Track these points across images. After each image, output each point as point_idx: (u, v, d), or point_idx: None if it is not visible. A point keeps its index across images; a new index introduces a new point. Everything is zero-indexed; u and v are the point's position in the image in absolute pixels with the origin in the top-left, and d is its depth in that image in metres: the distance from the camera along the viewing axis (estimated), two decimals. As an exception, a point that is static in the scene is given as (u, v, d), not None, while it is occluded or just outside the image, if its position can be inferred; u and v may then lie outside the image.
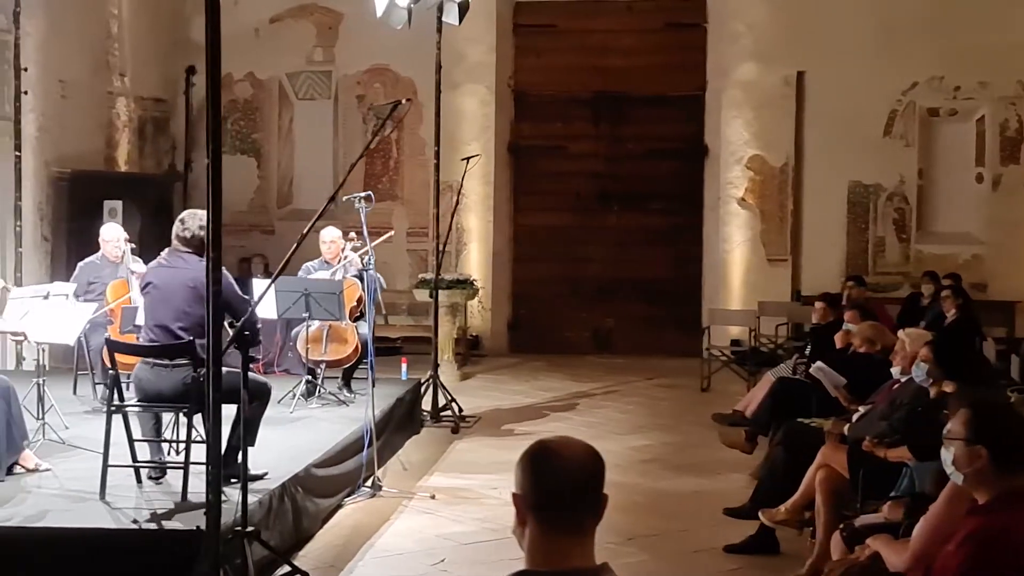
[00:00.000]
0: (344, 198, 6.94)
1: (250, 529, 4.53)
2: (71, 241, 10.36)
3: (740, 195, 12.41)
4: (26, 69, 9.14)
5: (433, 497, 6.52)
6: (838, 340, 7.11)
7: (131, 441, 5.33)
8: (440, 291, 9.58)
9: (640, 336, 12.78)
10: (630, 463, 7.50)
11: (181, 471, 5.30)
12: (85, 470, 5.60)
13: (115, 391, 5.27)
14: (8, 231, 9.34)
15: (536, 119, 13.02)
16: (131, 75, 11.88)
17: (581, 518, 2.07)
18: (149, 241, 9.16)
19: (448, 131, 12.94)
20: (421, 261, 12.79)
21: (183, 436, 5.46)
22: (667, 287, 12.84)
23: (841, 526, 4.10)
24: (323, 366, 7.76)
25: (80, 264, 7.79)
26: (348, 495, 6.38)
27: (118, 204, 10.47)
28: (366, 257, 7.12)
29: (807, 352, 8.38)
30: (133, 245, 7.97)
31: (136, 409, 5.44)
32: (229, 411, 5.26)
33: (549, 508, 2.06)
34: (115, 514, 4.84)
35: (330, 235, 8.30)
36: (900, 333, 5.49)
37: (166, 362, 5.26)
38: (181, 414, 5.40)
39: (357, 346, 7.70)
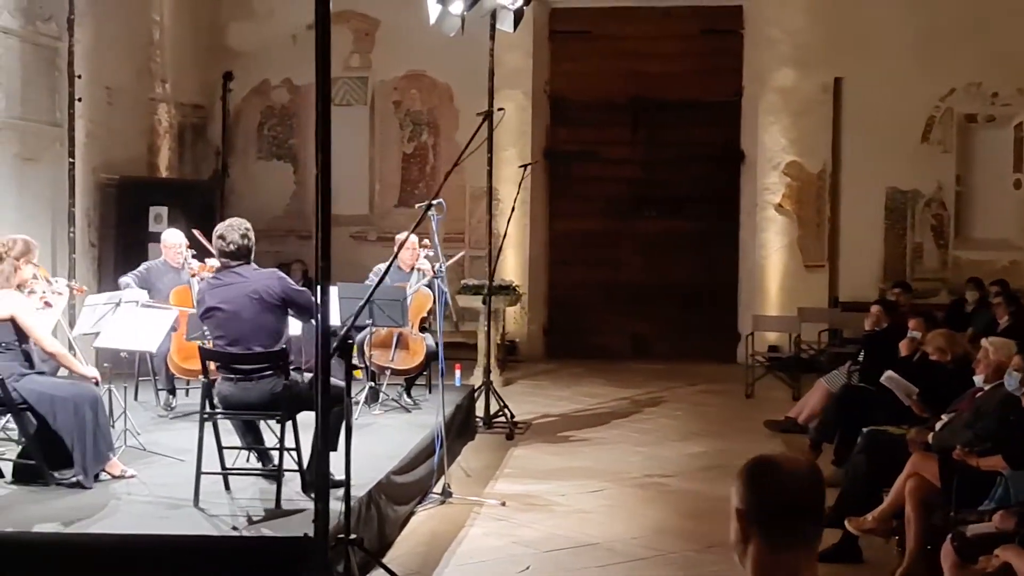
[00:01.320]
0: (416, 205, 6.95)
1: (353, 536, 4.56)
2: (118, 247, 10.39)
3: (777, 201, 12.44)
4: (80, 76, 9.18)
5: (503, 504, 6.54)
6: (903, 348, 7.13)
7: (220, 448, 5.36)
8: (484, 297, 9.62)
9: (675, 342, 12.81)
10: (692, 470, 7.53)
11: (261, 478, 5.36)
12: (170, 476, 5.65)
13: (207, 399, 5.28)
14: (60, 237, 9.38)
15: (572, 125, 13.05)
16: (171, 81, 11.92)
17: (808, 533, 2.08)
18: (198, 246, 9.20)
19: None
20: (457, 267, 12.80)
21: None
22: (702, 293, 12.87)
23: (950, 536, 4.12)
24: (388, 372, 7.79)
25: (145, 264, 7.81)
26: (420, 502, 6.41)
27: (164, 210, 10.50)
28: (437, 264, 7.15)
29: (860, 358, 8.42)
30: (194, 251, 8.00)
31: (224, 417, 5.46)
32: (303, 418, 5.33)
33: (775, 523, 2.07)
34: (214, 521, 4.87)
35: (409, 241, 8.33)
36: (983, 342, 5.51)
37: (250, 375, 5.27)
38: (273, 422, 5.40)
39: (425, 357, 7.74)
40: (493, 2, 8.61)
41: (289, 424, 5.22)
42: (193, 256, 7.97)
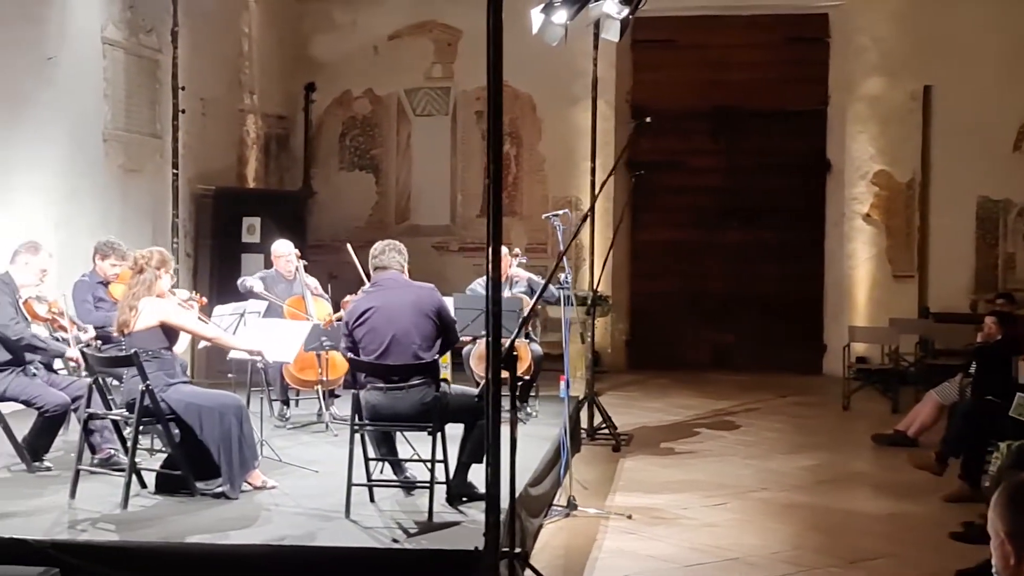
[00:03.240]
0: (544, 216, 6.94)
1: (518, 551, 4.51)
2: (213, 258, 10.46)
3: (865, 211, 12.30)
4: (183, 88, 9.25)
5: (630, 517, 6.47)
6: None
7: (367, 460, 5.34)
8: (575, 308, 9.55)
9: (759, 353, 12.69)
10: (810, 483, 7.42)
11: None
12: (309, 487, 5.64)
13: (357, 411, 5.25)
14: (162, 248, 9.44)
15: (655, 134, 12.90)
16: (258, 92, 12.00)
17: None
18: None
19: (568, 146, 13.02)
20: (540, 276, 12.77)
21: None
22: (787, 303, 12.74)
23: None
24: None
25: (259, 275, 7.84)
26: (546, 515, 6.36)
27: (256, 221, 10.58)
28: (562, 275, 7.11)
29: (971, 371, 8.27)
30: (304, 262, 8.03)
31: (371, 428, 5.43)
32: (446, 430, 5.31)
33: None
34: (371, 533, 4.84)
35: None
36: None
37: (401, 385, 5.25)
38: (419, 433, 5.37)
39: (531, 363, 7.69)
40: (599, 11, 8.55)
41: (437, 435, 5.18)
42: (305, 267, 8.02)
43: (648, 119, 7.33)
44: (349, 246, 7.51)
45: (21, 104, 7.88)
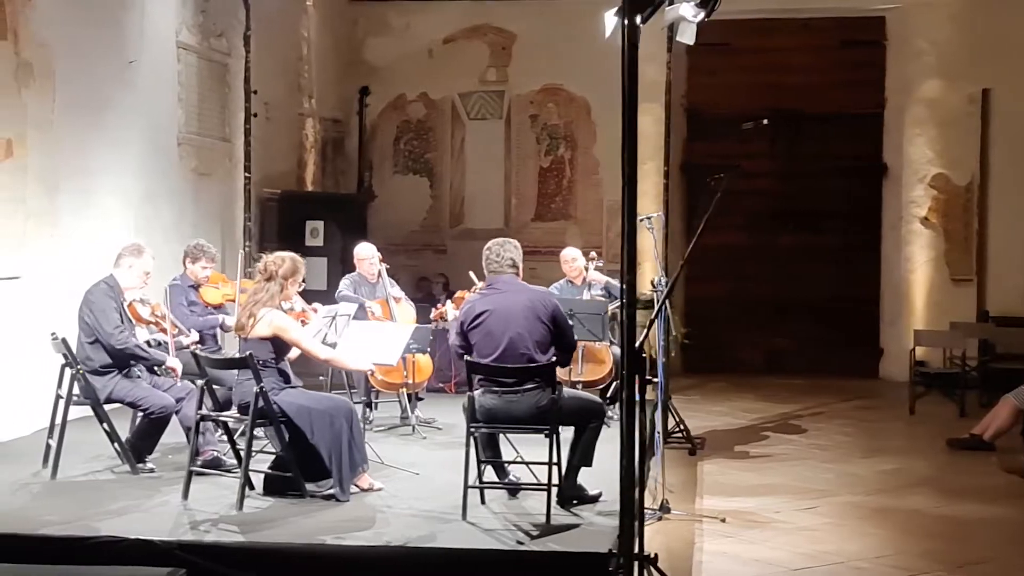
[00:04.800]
0: (640, 218, 6.93)
1: (648, 554, 4.51)
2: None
3: (923, 214, 12.25)
4: (255, 91, 9.30)
5: (723, 520, 6.46)
6: None
7: (480, 462, 5.35)
8: (638, 311, 9.53)
9: (814, 356, 12.66)
10: (894, 487, 7.38)
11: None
12: (417, 490, 5.66)
13: (472, 413, 5.26)
14: (228, 251, 9.49)
15: (709, 138, 12.97)
16: (316, 96, 12.04)
17: None
18: (352, 259, 9.25)
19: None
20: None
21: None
22: (841, 307, 12.71)
23: None
24: (579, 386, 7.75)
25: (344, 280, 7.87)
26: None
27: (319, 224, 10.61)
28: (659, 277, 7.11)
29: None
30: (387, 265, 8.05)
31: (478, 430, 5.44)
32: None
33: None
34: (493, 535, 4.85)
35: (571, 254, 8.33)
36: None
37: (516, 388, 5.25)
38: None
39: (612, 366, 7.69)
40: (675, 14, 8.55)
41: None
42: (387, 270, 8.04)
43: (765, 120, 7.27)
44: (472, 274, 7.52)
45: (103, 108, 7.93)
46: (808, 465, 8.09)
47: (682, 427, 8.63)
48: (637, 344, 4.38)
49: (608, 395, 7.95)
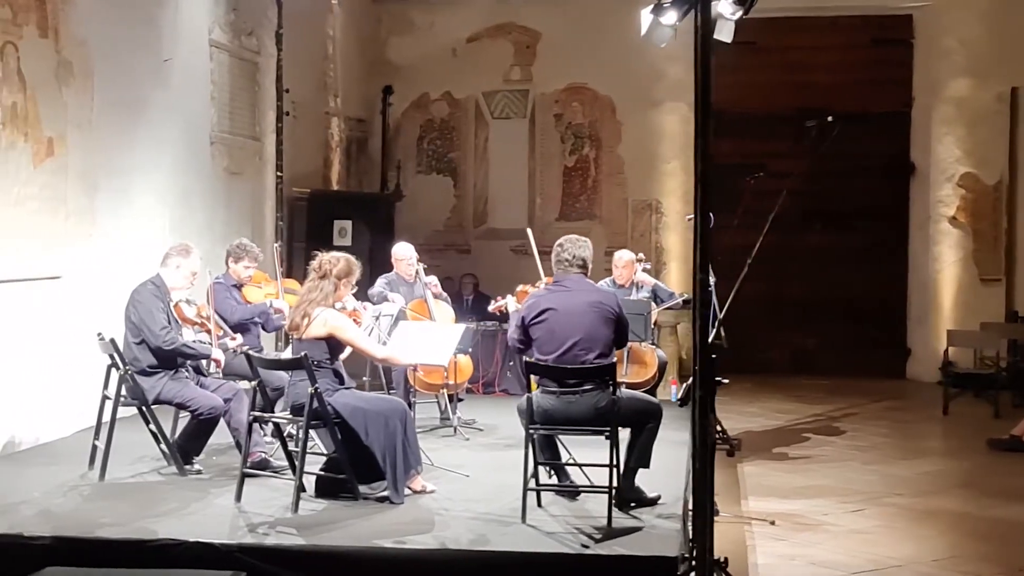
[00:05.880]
0: (687, 217, 6.89)
1: (718, 557, 4.44)
2: (308, 261, 10.40)
3: (951, 214, 12.17)
4: (287, 90, 9.24)
5: (772, 523, 6.39)
6: None
7: (537, 464, 5.28)
8: (668, 312, 9.48)
9: (841, 357, 12.58)
10: (941, 489, 7.32)
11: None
12: (470, 492, 5.60)
13: (531, 414, 5.19)
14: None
15: (736, 136, 12.87)
16: (341, 95, 11.98)
17: None
18: (380, 259, 9.19)
19: (649, 149, 12.96)
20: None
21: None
22: (869, 307, 12.63)
23: None
24: (622, 387, 7.67)
25: (380, 279, 7.80)
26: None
27: (348, 224, 10.55)
28: (713, 281, 7.03)
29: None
30: (424, 265, 7.98)
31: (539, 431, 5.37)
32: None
33: None
34: (556, 538, 4.78)
35: (625, 257, 8.30)
36: None
37: (575, 389, 5.19)
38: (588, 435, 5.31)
39: (656, 369, 7.63)
40: (712, 12, 8.48)
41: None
42: (425, 269, 7.98)
43: (830, 118, 7.19)
44: (529, 231, 7.48)
45: (140, 107, 7.87)
46: (850, 467, 8.03)
47: (720, 428, 8.58)
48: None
49: (679, 396, 7.90)
